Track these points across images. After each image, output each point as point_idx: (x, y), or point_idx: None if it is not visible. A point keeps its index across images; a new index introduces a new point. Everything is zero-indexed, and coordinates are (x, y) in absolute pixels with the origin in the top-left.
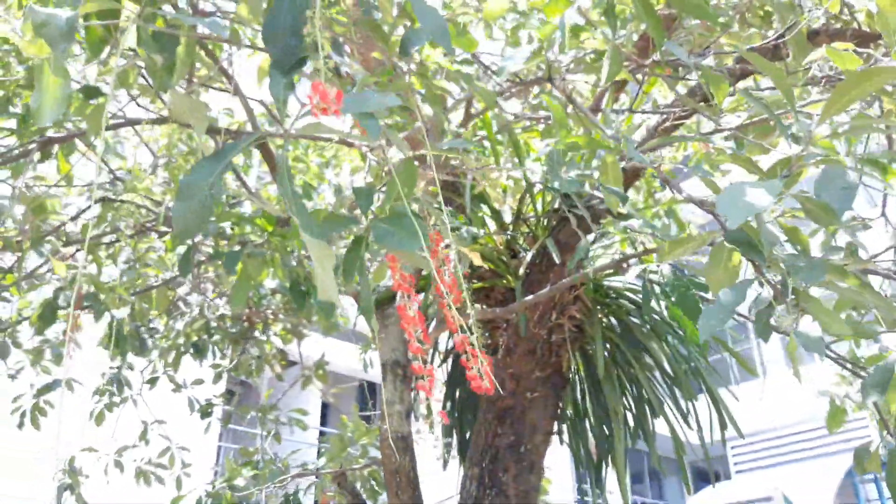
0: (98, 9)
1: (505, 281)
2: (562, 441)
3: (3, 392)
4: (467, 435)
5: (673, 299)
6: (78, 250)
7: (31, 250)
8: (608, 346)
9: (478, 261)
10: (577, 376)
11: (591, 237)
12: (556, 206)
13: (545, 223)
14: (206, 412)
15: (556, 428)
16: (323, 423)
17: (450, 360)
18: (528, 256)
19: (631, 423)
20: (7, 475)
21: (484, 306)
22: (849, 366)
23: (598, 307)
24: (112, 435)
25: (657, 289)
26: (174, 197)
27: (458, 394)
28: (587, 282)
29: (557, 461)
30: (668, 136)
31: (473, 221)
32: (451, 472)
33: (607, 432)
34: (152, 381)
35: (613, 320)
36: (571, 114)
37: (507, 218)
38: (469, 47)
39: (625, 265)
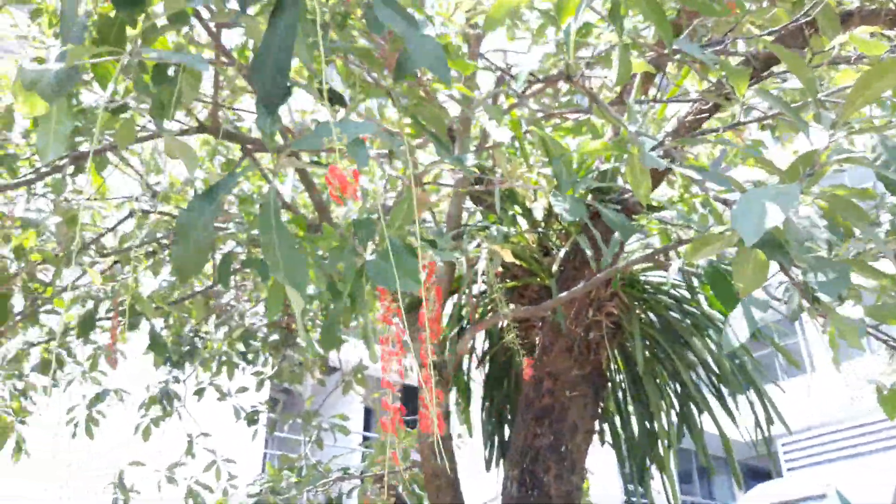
0: (90, 53)
1: (538, 279)
2: (604, 441)
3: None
4: (507, 436)
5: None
6: (116, 262)
7: (68, 262)
8: (648, 342)
9: (509, 258)
10: (618, 374)
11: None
12: (589, 201)
13: (578, 220)
14: (251, 420)
15: (597, 427)
16: (367, 427)
17: (487, 362)
18: (561, 253)
19: (675, 420)
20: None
21: (518, 305)
22: None
23: (636, 303)
24: (159, 449)
25: (695, 281)
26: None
27: (496, 395)
28: (624, 277)
29: (604, 460)
30: (688, 139)
31: (504, 220)
32: (493, 474)
33: (651, 430)
34: (199, 392)
35: (652, 316)
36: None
37: (539, 215)
38: (465, 70)
39: (660, 258)
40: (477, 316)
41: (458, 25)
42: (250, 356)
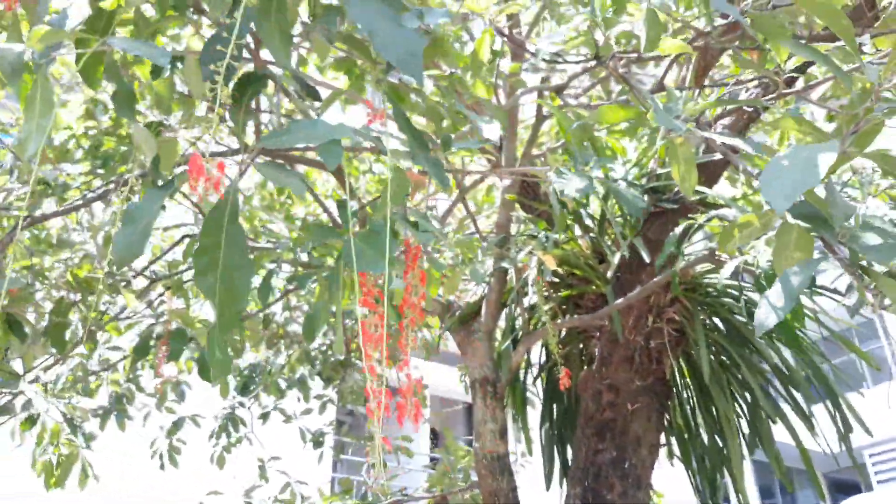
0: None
1: (594, 286)
2: (671, 454)
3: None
4: (569, 452)
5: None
6: (168, 288)
7: (114, 289)
8: (714, 349)
9: (553, 266)
10: (684, 384)
11: (678, 231)
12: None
13: (633, 221)
14: (317, 442)
15: (664, 440)
16: (435, 447)
17: (544, 375)
18: (616, 258)
19: (747, 431)
20: None
21: (575, 315)
22: None
23: (700, 307)
24: (234, 476)
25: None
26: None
27: (556, 409)
28: (686, 281)
29: (676, 476)
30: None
31: (554, 226)
32: (555, 493)
33: (721, 443)
34: (264, 416)
35: (717, 321)
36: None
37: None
38: (461, 61)
39: (720, 258)
40: (531, 328)
41: (487, 16)
42: (315, 377)
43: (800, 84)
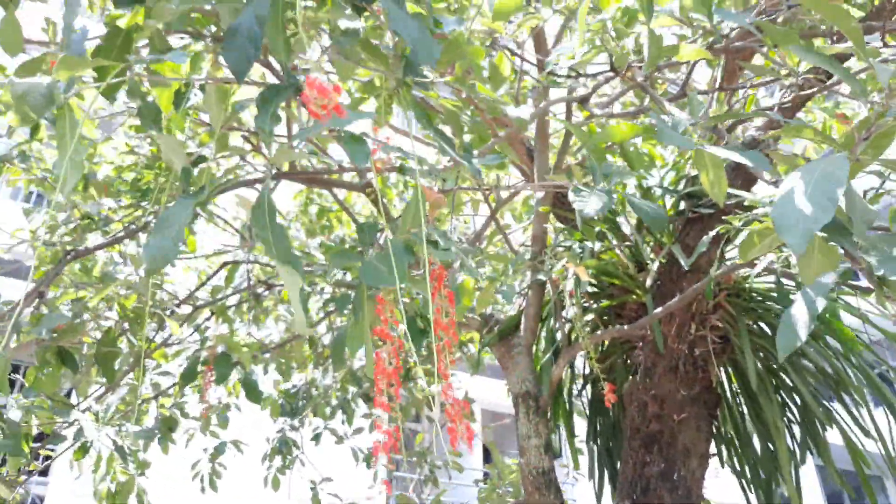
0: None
1: (634, 296)
2: (723, 463)
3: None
4: (618, 466)
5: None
6: (213, 313)
7: (160, 319)
8: (761, 354)
9: (585, 277)
10: (732, 391)
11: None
12: (681, 207)
13: (671, 228)
14: (369, 461)
15: (714, 450)
16: (487, 461)
17: (589, 388)
18: (654, 266)
19: (799, 437)
20: None
21: (617, 326)
22: None
23: (744, 313)
24: (288, 495)
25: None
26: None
27: (602, 422)
28: (728, 287)
29: (730, 485)
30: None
31: (588, 236)
32: None
33: (772, 449)
34: (316, 438)
35: (764, 326)
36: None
37: (626, 229)
38: (478, 56)
39: (755, 261)
40: (570, 340)
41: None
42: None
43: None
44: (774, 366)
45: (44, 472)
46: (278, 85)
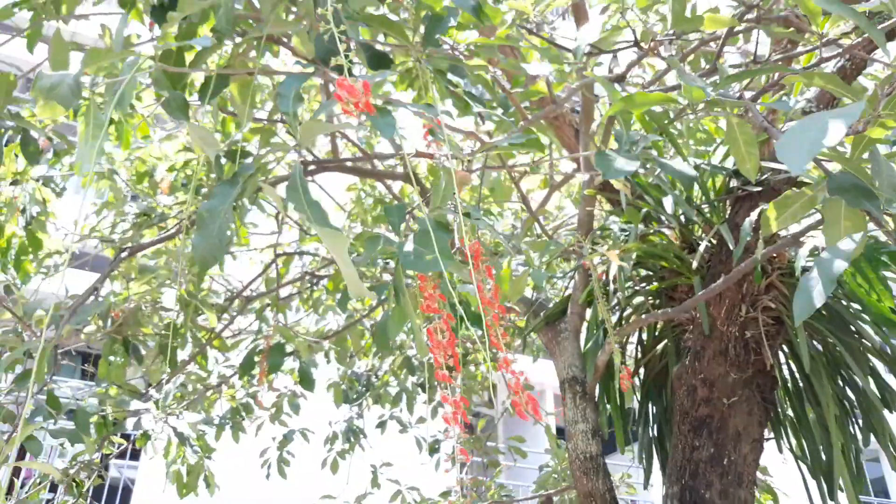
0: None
1: (685, 277)
2: (780, 449)
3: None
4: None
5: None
6: (268, 305)
7: (222, 310)
8: (820, 335)
9: (617, 261)
10: (791, 374)
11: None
12: (731, 186)
13: (720, 207)
14: (433, 449)
15: (770, 435)
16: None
17: (641, 371)
18: (702, 247)
19: (862, 422)
20: None
21: (668, 308)
22: None
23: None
24: (346, 481)
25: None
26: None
27: (654, 406)
28: (781, 266)
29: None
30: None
31: (632, 218)
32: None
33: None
34: (381, 426)
35: (820, 307)
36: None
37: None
38: (495, 18)
39: (804, 239)
40: (618, 324)
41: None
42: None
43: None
44: (835, 347)
45: (134, 457)
46: (298, 73)
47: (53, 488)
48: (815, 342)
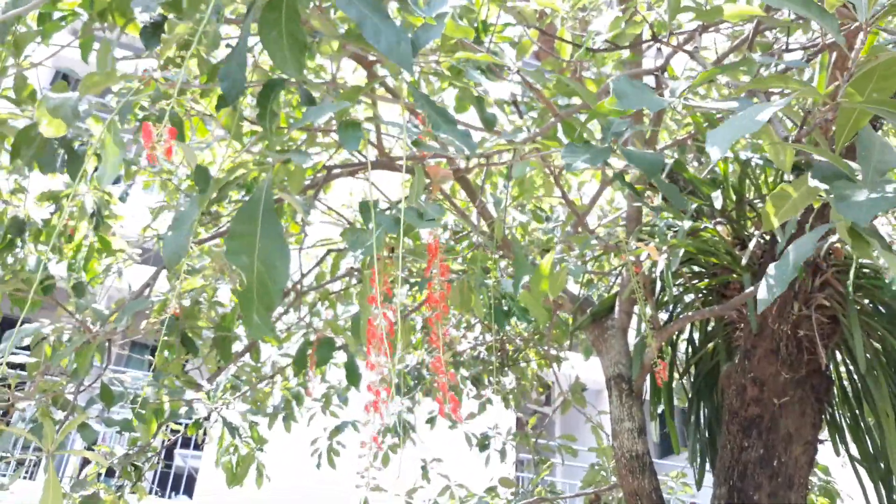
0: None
1: (735, 275)
2: (837, 451)
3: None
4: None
5: None
6: (320, 300)
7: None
8: (878, 334)
9: (656, 257)
10: (848, 375)
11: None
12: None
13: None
14: (483, 445)
15: (826, 437)
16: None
17: (692, 371)
18: (751, 244)
19: None
20: None
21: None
22: None
23: (855, 291)
24: (397, 475)
25: None
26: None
27: (705, 405)
28: (837, 262)
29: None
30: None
31: (674, 214)
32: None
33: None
34: (431, 421)
35: (878, 305)
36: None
37: (718, 204)
38: (468, 34)
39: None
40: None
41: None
42: (477, 381)
43: None
44: (890, 349)
45: (198, 447)
46: (271, 81)
47: (111, 473)
48: (872, 341)
